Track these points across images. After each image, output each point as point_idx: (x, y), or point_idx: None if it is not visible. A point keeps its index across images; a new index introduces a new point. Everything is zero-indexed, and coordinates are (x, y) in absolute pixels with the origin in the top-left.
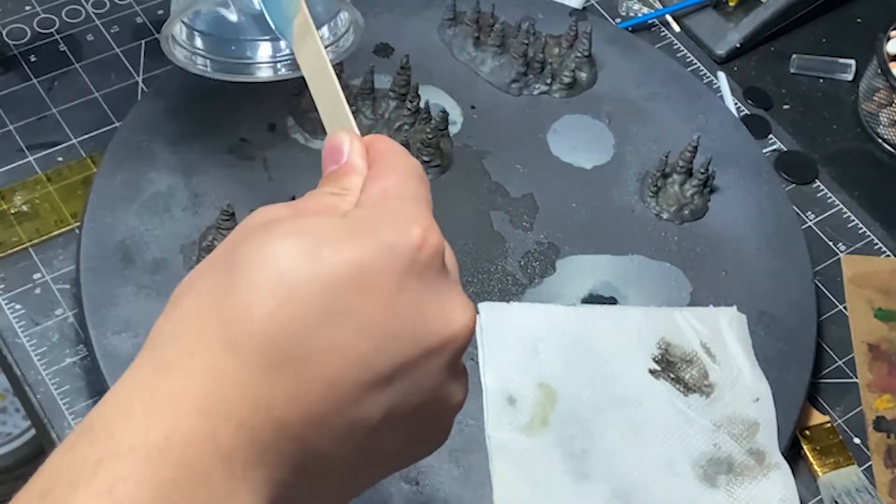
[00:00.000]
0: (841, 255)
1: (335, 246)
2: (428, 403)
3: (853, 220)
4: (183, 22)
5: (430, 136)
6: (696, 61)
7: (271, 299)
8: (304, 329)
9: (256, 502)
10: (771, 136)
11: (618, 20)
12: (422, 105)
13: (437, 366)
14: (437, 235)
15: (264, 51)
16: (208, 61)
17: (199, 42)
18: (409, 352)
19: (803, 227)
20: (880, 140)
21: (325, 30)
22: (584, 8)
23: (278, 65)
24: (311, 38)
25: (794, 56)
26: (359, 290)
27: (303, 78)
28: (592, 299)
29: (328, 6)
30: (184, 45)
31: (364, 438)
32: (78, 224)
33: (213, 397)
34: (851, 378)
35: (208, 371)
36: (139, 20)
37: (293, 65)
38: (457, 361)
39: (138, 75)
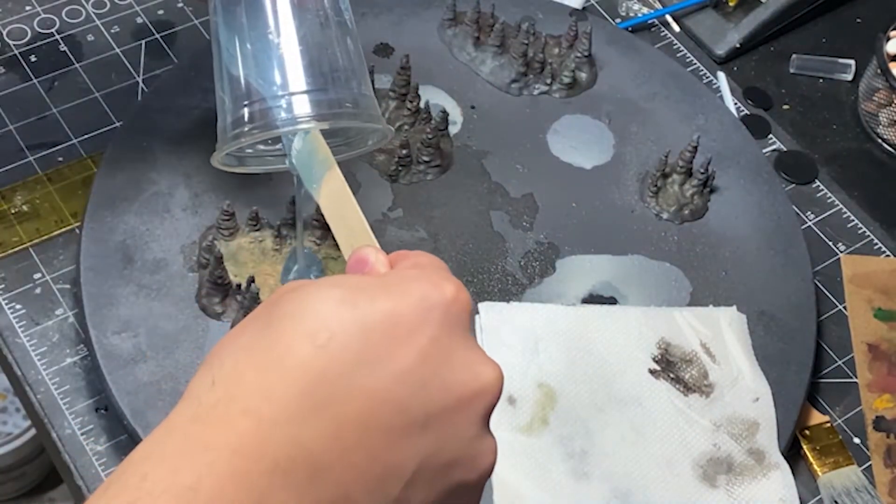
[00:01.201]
0: (841, 255)
1: (372, 296)
2: (459, 460)
3: (853, 220)
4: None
5: (430, 136)
6: (695, 61)
7: (310, 344)
8: (341, 373)
9: None
10: (771, 136)
11: (618, 20)
12: (422, 105)
13: (467, 419)
14: (468, 295)
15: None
16: (249, 160)
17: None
18: (441, 400)
19: (803, 227)
20: (880, 140)
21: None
22: (584, 8)
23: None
24: (340, 187)
25: (793, 56)
26: (394, 338)
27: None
28: (592, 299)
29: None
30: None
31: (397, 490)
32: (78, 224)
33: (248, 438)
34: (851, 378)
35: (244, 414)
36: (139, 20)
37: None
38: (486, 419)
39: (138, 75)
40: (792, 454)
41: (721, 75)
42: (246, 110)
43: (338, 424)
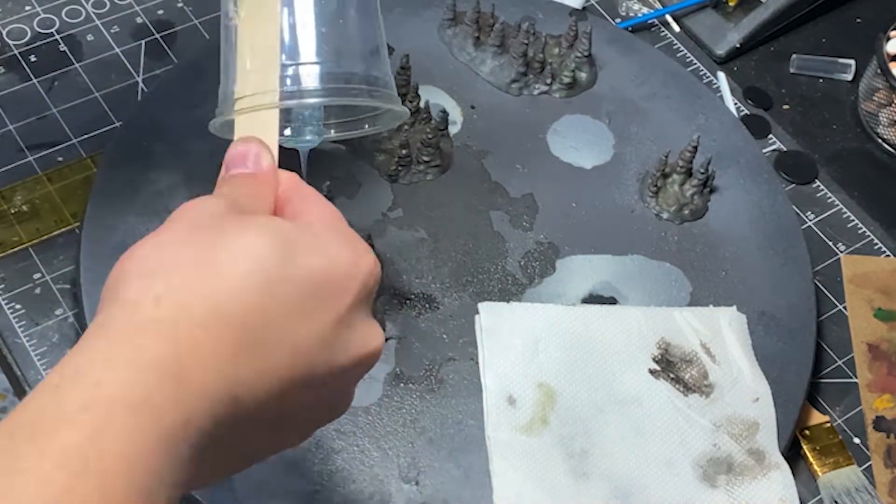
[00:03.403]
0: (841, 255)
1: (306, 255)
2: (336, 405)
3: (853, 220)
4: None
5: (430, 136)
6: (695, 61)
7: (256, 289)
8: (274, 323)
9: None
10: (771, 135)
11: (618, 20)
12: (422, 105)
13: (353, 378)
14: (379, 268)
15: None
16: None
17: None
18: (340, 361)
19: (803, 227)
20: (880, 140)
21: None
22: (584, 8)
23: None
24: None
25: (793, 56)
26: (319, 300)
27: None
28: (592, 299)
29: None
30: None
31: (282, 429)
32: (78, 224)
33: (190, 368)
34: (851, 378)
35: (190, 342)
36: (139, 20)
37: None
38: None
39: (138, 75)
40: (792, 454)
41: (721, 75)
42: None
43: (260, 372)
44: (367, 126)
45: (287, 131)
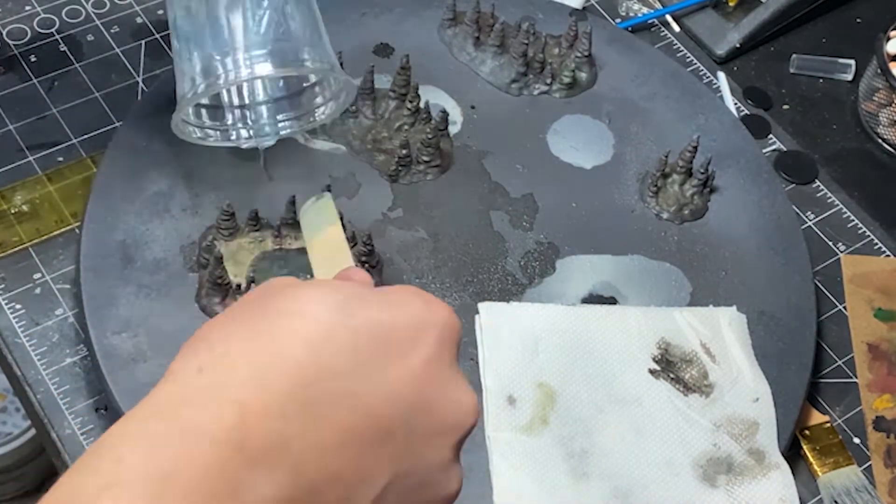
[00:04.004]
0: (841, 254)
1: (369, 306)
2: (429, 483)
3: (853, 220)
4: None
5: (430, 136)
6: (695, 61)
7: (305, 346)
8: (332, 379)
9: None
10: (771, 136)
11: (618, 20)
12: (422, 105)
13: (444, 445)
14: (459, 321)
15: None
16: (218, 133)
17: (205, 117)
18: (424, 425)
19: (803, 227)
20: (880, 140)
21: (328, 104)
22: (584, 8)
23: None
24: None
25: (793, 56)
26: (387, 354)
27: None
28: (592, 299)
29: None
30: (192, 122)
31: (366, 501)
32: (78, 224)
33: (232, 428)
34: (851, 378)
35: (232, 404)
36: (139, 20)
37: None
38: (460, 446)
39: (138, 75)
40: (792, 454)
41: (721, 75)
42: (199, 65)
43: (321, 428)
44: (321, 114)
45: (245, 133)
